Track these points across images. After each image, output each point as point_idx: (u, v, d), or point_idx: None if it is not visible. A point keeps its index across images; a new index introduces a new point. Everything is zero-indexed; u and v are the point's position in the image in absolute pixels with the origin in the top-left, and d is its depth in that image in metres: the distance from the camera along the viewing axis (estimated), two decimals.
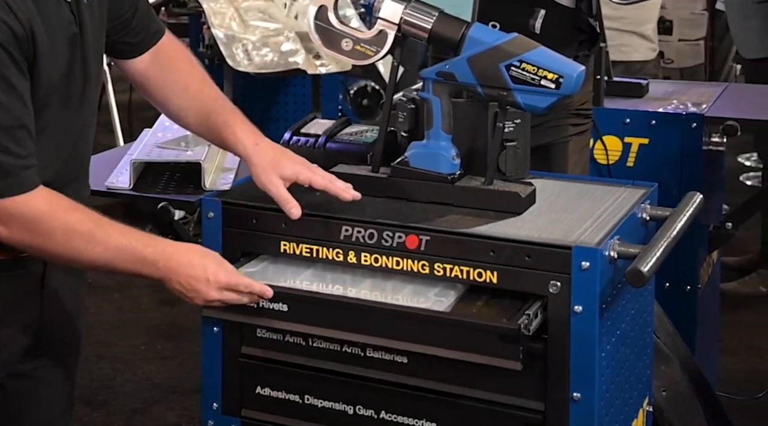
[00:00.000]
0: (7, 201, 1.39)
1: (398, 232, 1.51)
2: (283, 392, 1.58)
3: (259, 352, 1.56)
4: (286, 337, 1.53)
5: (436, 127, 1.59)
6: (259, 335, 1.55)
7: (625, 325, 1.56)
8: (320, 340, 1.52)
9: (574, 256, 1.41)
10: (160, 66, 1.64)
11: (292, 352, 1.54)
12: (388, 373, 1.49)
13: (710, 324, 2.65)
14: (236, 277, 1.49)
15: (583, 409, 1.44)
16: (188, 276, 1.46)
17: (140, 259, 1.46)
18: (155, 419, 2.85)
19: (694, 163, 2.33)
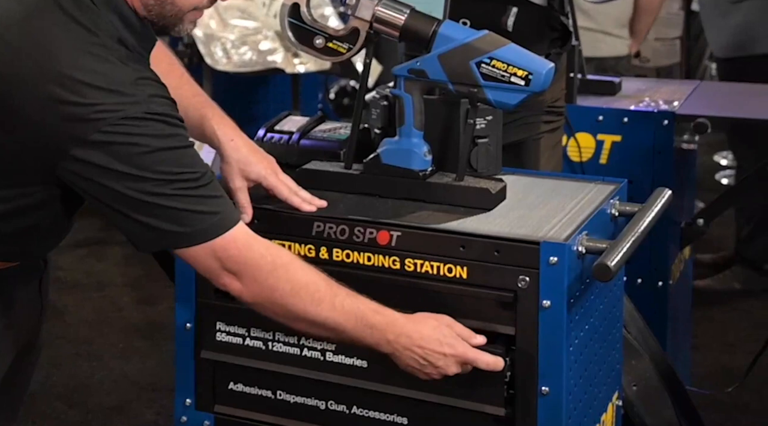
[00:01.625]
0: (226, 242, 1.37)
1: (369, 228, 1.52)
2: (255, 388, 1.59)
3: (218, 356, 1.57)
4: (246, 341, 1.55)
5: (408, 124, 1.61)
6: (219, 339, 1.56)
7: (594, 319, 1.58)
8: (280, 344, 1.53)
9: (542, 251, 1.42)
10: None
11: (253, 357, 1.54)
12: (347, 378, 1.50)
13: (682, 320, 2.67)
14: (474, 352, 1.41)
15: (551, 402, 1.45)
16: (423, 351, 1.40)
17: (367, 324, 1.40)
18: (133, 417, 2.85)
19: (665, 160, 2.35)
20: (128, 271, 3.88)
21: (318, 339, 1.50)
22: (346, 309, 1.40)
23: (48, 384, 2.98)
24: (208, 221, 1.37)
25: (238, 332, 1.56)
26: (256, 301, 1.41)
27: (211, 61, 3.54)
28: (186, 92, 1.62)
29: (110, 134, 1.31)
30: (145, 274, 3.88)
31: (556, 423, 1.46)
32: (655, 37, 4.21)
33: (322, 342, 1.50)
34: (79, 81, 1.31)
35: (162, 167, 1.34)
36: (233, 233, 1.39)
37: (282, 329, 1.49)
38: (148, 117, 1.33)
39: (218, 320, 1.56)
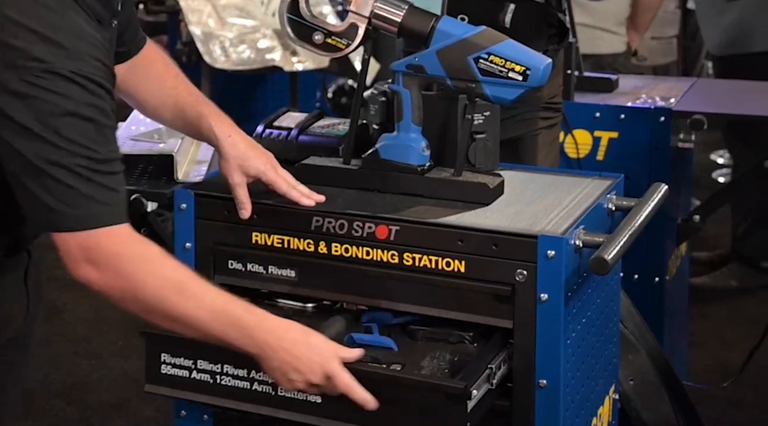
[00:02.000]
0: (100, 234, 1.28)
1: (368, 223, 1.53)
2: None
3: (163, 390, 1.50)
4: (193, 373, 1.46)
5: (406, 120, 1.62)
6: (164, 372, 1.48)
7: (591, 313, 1.59)
8: (228, 378, 1.45)
9: (540, 244, 1.43)
10: (139, 68, 1.65)
11: (200, 391, 1.46)
12: (299, 414, 1.42)
13: (678, 316, 2.69)
14: (341, 372, 1.35)
15: (548, 395, 1.46)
16: (293, 356, 1.34)
17: (235, 323, 1.34)
18: (132, 414, 2.86)
19: (662, 156, 2.37)
20: None
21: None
22: (215, 307, 1.34)
23: (47, 382, 2.99)
24: (95, 209, 1.29)
25: (184, 364, 1.47)
26: (112, 292, 1.33)
27: (210, 60, 3.55)
28: (182, 91, 1.63)
29: (31, 86, 1.25)
30: None
31: (553, 416, 1.47)
32: (651, 36, 4.23)
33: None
34: (17, 22, 1.25)
35: (70, 135, 1.26)
36: (116, 229, 1.32)
37: (232, 361, 1.42)
38: (75, 79, 1.27)
39: (163, 352, 1.48)
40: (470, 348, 1.46)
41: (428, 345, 1.47)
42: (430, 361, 1.44)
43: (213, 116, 1.60)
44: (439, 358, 1.45)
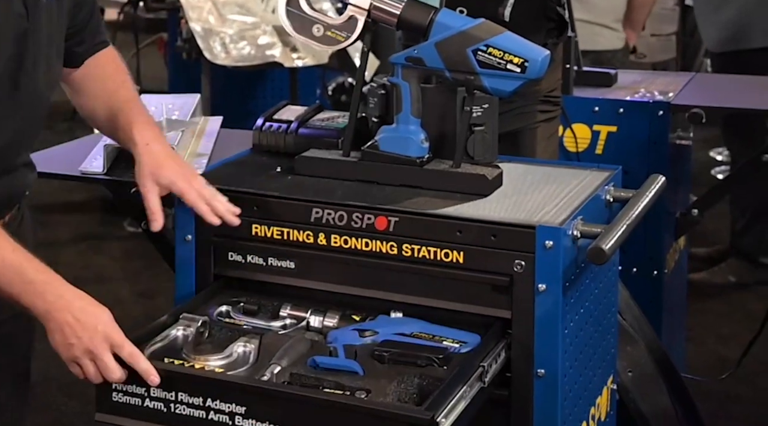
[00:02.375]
0: None
1: (367, 214, 1.54)
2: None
3: (114, 419, 1.41)
4: (146, 402, 1.39)
5: (405, 112, 1.63)
6: (115, 400, 1.40)
7: (589, 303, 1.60)
8: (183, 406, 1.37)
9: (538, 235, 1.44)
10: (90, 70, 1.66)
11: (153, 421, 1.38)
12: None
13: (677, 310, 2.70)
14: (126, 340, 1.38)
15: (547, 385, 1.47)
16: (76, 319, 1.35)
17: (27, 283, 1.34)
18: None
19: (660, 150, 2.38)
20: (127, 266, 3.90)
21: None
22: (5, 263, 1.34)
23: (47, 376, 3.00)
24: None
25: (136, 392, 1.39)
26: None
27: (210, 56, 3.56)
28: (120, 97, 1.63)
29: None
30: (144, 268, 3.90)
31: (552, 405, 1.48)
32: (650, 33, 4.24)
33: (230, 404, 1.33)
34: None
35: None
36: None
37: (186, 390, 1.36)
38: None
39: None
40: (439, 371, 1.39)
41: (396, 369, 1.40)
42: (397, 386, 1.37)
43: (139, 124, 1.59)
44: (407, 382, 1.38)
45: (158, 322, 1.53)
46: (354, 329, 1.51)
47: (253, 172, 1.71)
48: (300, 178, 1.67)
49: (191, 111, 1.97)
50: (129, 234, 4.24)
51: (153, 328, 1.51)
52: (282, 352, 1.45)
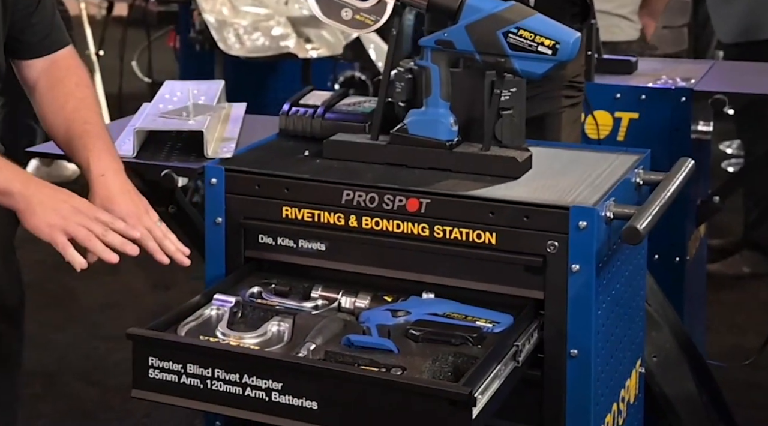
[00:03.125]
0: None
1: (399, 196, 1.55)
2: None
3: (151, 395, 1.42)
4: (182, 378, 1.39)
5: (435, 95, 1.63)
6: (152, 376, 1.40)
7: (620, 285, 1.60)
8: (220, 383, 1.37)
9: (572, 215, 1.45)
10: (49, 79, 1.64)
11: (189, 397, 1.39)
12: (295, 421, 1.33)
13: (696, 296, 2.71)
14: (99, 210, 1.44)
15: (580, 365, 1.48)
16: (50, 197, 1.42)
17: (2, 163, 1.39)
18: None
19: (682, 137, 2.38)
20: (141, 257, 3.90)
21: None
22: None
23: (65, 364, 3.01)
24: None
25: (173, 369, 1.39)
26: None
27: (224, 47, 3.56)
28: (79, 118, 1.60)
29: None
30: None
31: (585, 385, 1.49)
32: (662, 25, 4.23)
33: (267, 380, 1.34)
34: None
35: None
36: None
37: (223, 366, 1.36)
38: None
39: (151, 355, 1.41)
40: (474, 350, 1.39)
41: (429, 347, 1.40)
42: (431, 364, 1.37)
43: (95, 152, 1.56)
44: (441, 361, 1.39)
45: (191, 302, 1.54)
46: (386, 309, 1.52)
47: (282, 156, 1.72)
48: (329, 162, 1.68)
49: (216, 97, 1.97)
50: None
51: (186, 308, 1.52)
52: (316, 331, 1.45)
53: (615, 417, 1.62)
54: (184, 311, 1.52)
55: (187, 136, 1.80)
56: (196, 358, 1.38)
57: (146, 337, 1.43)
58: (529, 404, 1.52)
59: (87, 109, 1.61)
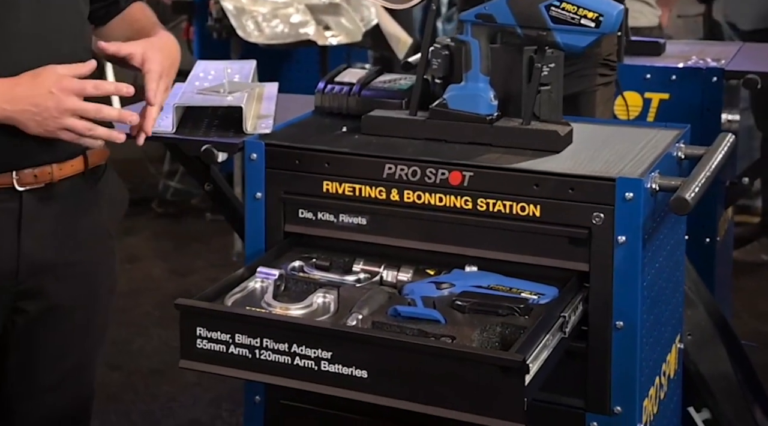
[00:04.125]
0: None
1: (441, 169, 1.54)
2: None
3: (199, 366, 1.42)
4: (230, 348, 1.38)
5: (475, 69, 1.63)
6: (200, 347, 1.40)
7: (662, 259, 1.60)
8: (269, 352, 1.36)
9: (618, 187, 1.44)
10: (119, 24, 1.68)
11: (238, 367, 1.39)
12: (345, 390, 1.34)
13: (725, 278, 2.71)
14: (82, 82, 1.44)
15: (625, 337, 1.48)
16: (33, 102, 1.42)
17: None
18: (175, 379, 2.88)
19: (714, 117, 2.38)
20: (158, 246, 3.93)
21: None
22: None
23: None
24: None
25: (221, 339, 1.39)
26: None
27: (244, 34, 3.55)
28: (144, 25, 1.67)
29: None
30: (174, 248, 3.92)
31: (630, 357, 1.48)
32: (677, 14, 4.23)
33: (315, 349, 1.34)
34: None
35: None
36: None
37: (272, 336, 1.35)
38: None
39: (199, 326, 1.40)
40: (520, 320, 1.39)
41: (476, 318, 1.40)
42: (480, 334, 1.37)
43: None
44: (489, 331, 1.39)
45: (235, 274, 1.54)
46: (430, 282, 1.52)
47: (320, 132, 1.72)
48: (367, 137, 1.68)
49: (250, 76, 1.97)
50: (157, 215, 4.26)
51: (231, 281, 1.52)
52: (362, 303, 1.45)
53: (657, 390, 1.62)
54: (228, 284, 1.52)
55: (224, 112, 1.80)
56: (244, 328, 1.38)
57: (194, 307, 1.42)
58: (573, 377, 1.52)
59: (152, 24, 1.67)
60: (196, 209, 4.30)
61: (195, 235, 4.03)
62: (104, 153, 1.63)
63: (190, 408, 2.77)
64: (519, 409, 1.27)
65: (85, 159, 1.59)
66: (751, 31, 3.55)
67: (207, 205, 4.27)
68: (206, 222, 4.16)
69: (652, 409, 1.59)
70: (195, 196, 4.37)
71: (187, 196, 4.40)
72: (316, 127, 1.76)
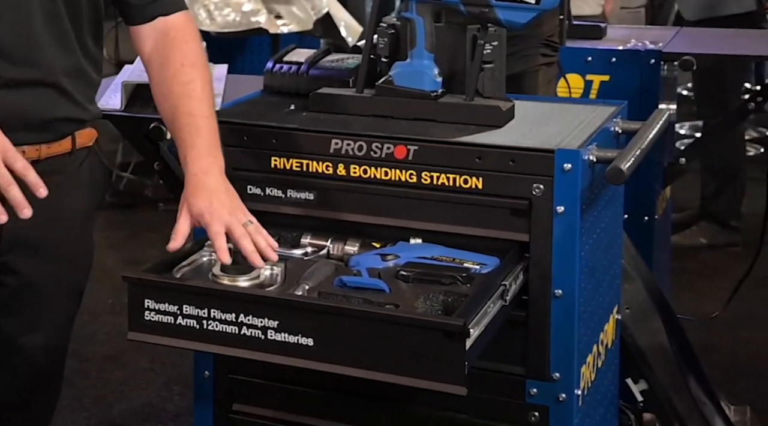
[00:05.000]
0: None
1: (387, 144, 1.58)
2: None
3: (146, 337, 1.43)
4: (178, 319, 1.40)
5: (419, 47, 1.67)
6: (147, 319, 1.42)
7: (600, 230, 1.66)
8: (216, 323, 1.39)
9: (557, 158, 1.49)
10: (159, 56, 1.59)
11: (185, 338, 1.40)
12: (290, 357, 1.36)
13: (663, 255, 2.80)
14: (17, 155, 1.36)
15: (564, 304, 1.53)
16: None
17: None
18: (128, 364, 2.89)
19: (652, 97, 2.45)
20: (111, 235, 3.92)
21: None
22: None
23: None
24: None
25: (169, 310, 1.41)
26: None
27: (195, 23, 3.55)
28: (185, 107, 1.54)
29: None
30: (128, 238, 3.91)
31: (568, 324, 1.53)
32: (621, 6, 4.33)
33: (262, 318, 1.36)
34: None
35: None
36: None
37: (219, 306, 1.37)
38: None
39: (147, 298, 1.42)
40: (463, 289, 1.43)
41: (420, 287, 1.44)
42: (423, 302, 1.41)
43: (194, 151, 1.51)
44: (432, 299, 1.42)
45: (183, 248, 1.55)
46: (375, 254, 1.55)
47: (268, 109, 1.75)
48: (315, 114, 1.71)
49: None
50: (110, 205, 4.25)
51: (179, 254, 1.54)
52: (308, 274, 1.48)
53: (595, 358, 1.68)
54: (176, 257, 1.54)
55: None
56: (191, 299, 1.40)
57: (142, 279, 1.44)
58: (514, 346, 1.56)
59: (191, 97, 1.54)
60: (149, 200, 4.30)
61: (148, 225, 4.03)
62: (92, 134, 1.62)
63: (142, 392, 2.77)
64: (460, 372, 1.31)
65: (73, 139, 1.58)
66: (695, 21, 3.65)
67: (160, 196, 4.27)
68: (159, 212, 4.16)
69: (590, 376, 1.64)
70: (148, 187, 4.37)
71: (140, 187, 4.39)
72: (264, 105, 1.78)
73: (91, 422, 2.63)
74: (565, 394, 1.54)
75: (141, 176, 4.37)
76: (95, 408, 2.69)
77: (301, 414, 1.65)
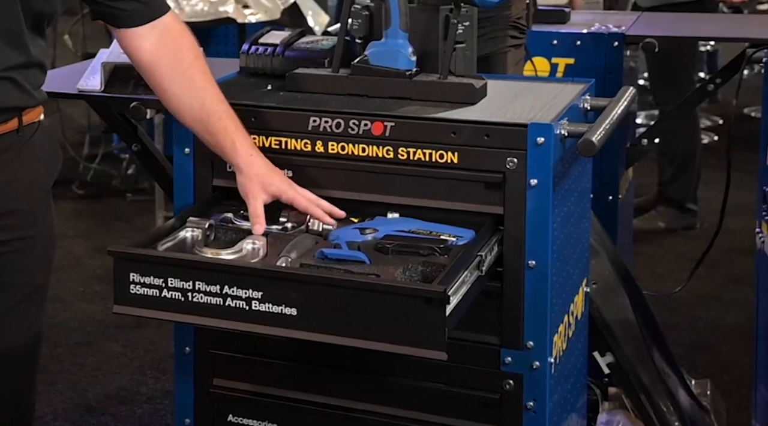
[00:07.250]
0: None
1: (364, 120, 1.62)
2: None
3: (132, 310, 1.46)
4: (163, 292, 1.42)
5: (394, 26, 1.71)
6: (133, 292, 1.44)
7: (571, 204, 1.71)
8: (201, 295, 1.41)
9: (530, 132, 1.55)
10: (168, 51, 1.63)
11: (170, 310, 1.43)
12: (274, 327, 1.39)
13: (626, 234, 2.87)
14: None
15: (537, 275, 1.58)
16: None
17: None
18: (100, 350, 2.90)
19: (616, 80, 2.52)
20: (79, 225, 3.92)
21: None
22: None
23: None
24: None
25: (154, 283, 1.43)
26: None
27: None
28: (211, 96, 1.62)
29: None
30: (96, 227, 3.92)
31: (542, 294, 1.59)
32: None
33: (246, 290, 1.40)
34: None
35: None
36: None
37: (203, 278, 1.40)
38: None
39: (132, 271, 1.44)
40: (441, 259, 1.47)
41: (399, 258, 1.48)
42: (402, 272, 1.45)
43: (238, 133, 1.60)
44: (411, 269, 1.46)
45: (166, 224, 1.58)
46: (354, 228, 1.59)
47: (245, 89, 1.78)
48: (292, 94, 1.74)
49: None
50: (78, 196, 4.25)
51: (162, 230, 1.57)
52: (290, 247, 1.52)
53: (566, 328, 1.73)
54: (160, 233, 1.56)
55: None
56: (176, 271, 1.43)
57: (127, 252, 1.47)
58: (489, 317, 1.61)
59: (213, 85, 1.62)
60: (117, 190, 4.30)
61: (116, 215, 4.03)
62: (38, 111, 1.63)
63: (116, 376, 2.79)
64: (441, 338, 1.35)
65: (19, 119, 1.59)
66: (649, 8, 3.74)
67: (128, 187, 4.27)
68: (127, 203, 4.16)
69: (562, 346, 1.70)
70: (115, 178, 4.37)
71: (108, 178, 4.39)
72: (241, 85, 1.81)
73: (66, 406, 2.64)
74: (538, 362, 1.59)
75: (108, 167, 4.38)
76: (70, 392, 2.70)
77: (281, 387, 1.69)
